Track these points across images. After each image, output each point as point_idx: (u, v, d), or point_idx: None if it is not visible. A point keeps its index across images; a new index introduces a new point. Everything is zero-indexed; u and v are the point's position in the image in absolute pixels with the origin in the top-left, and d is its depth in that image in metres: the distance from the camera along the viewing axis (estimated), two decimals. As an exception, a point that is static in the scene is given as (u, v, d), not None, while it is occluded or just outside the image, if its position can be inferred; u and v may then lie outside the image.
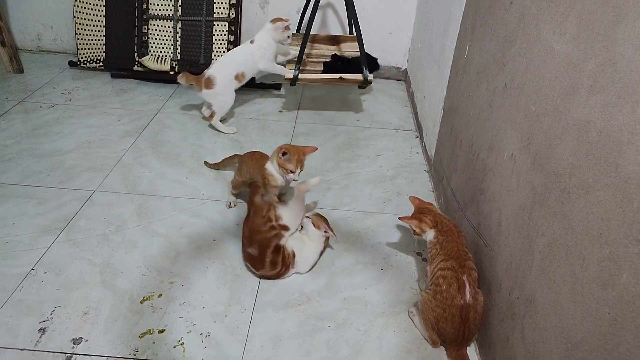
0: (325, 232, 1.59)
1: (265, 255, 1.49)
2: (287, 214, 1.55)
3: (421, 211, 1.54)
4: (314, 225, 1.60)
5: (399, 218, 1.54)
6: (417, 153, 2.28)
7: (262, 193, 1.64)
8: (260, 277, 1.54)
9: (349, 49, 2.66)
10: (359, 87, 2.49)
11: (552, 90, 1.03)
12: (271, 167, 1.64)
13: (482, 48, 1.51)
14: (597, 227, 0.84)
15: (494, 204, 1.31)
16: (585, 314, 0.86)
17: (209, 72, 2.30)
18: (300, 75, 2.33)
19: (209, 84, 2.28)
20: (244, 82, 2.38)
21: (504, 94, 1.30)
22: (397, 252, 1.69)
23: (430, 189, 2.03)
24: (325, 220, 1.62)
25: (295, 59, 2.36)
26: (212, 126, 2.36)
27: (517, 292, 1.13)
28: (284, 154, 1.58)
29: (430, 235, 1.47)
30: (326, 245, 1.64)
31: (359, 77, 2.36)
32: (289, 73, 2.33)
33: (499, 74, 1.34)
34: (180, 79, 2.31)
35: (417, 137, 2.41)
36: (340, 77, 2.34)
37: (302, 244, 1.58)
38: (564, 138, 0.96)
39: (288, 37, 2.37)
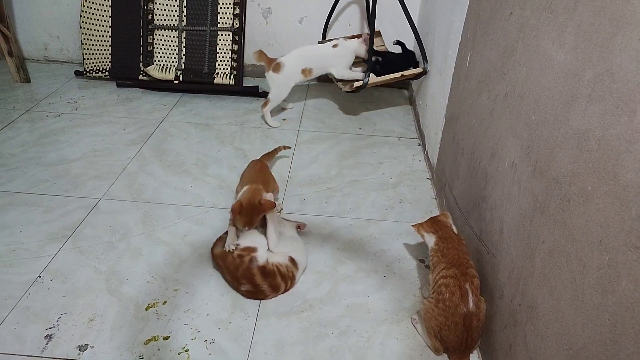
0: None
1: (258, 284, 1.47)
2: (242, 238, 1.56)
3: (428, 219, 1.56)
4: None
5: (412, 225, 1.57)
6: (420, 161, 2.29)
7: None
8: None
9: (376, 46, 2.72)
10: (414, 79, 2.62)
11: (551, 100, 1.04)
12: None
13: (483, 57, 1.53)
14: (597, 234, 0.85)
15: (495, 212, 1.33)
16: (585, 320, 0.87)
17: (282, 58, 2.41)
18: (370, 81, 2.42)
19: (277, 68, 2.38)
20: (308, 79, 2.48)
21: (504, 103, 1.31)
22: (399, 260, 1.70)
23: (432, 196, 2.04)
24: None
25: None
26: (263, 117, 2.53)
27: (519, 299, 1.14)
28: (236, 212, 1.53)
29: (430, 242, 1.48)
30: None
31: (418, 70, 2.48)
32: (359, 81, 2.41)
33: (499, 83, 1.36)
34: (255, 54, 2.42)
35: (420, 144, 2.43)
36: (402, 75, 2.45)
37: (289, 242, 1.63)
38: (563, 146, 0.98)
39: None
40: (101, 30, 2.78)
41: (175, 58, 2.78)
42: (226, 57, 2.77)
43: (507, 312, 1.21)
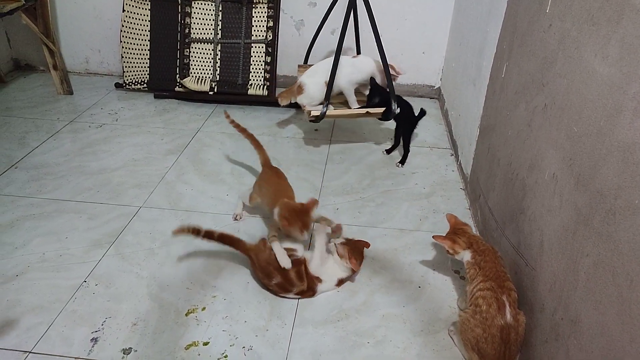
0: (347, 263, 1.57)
1: (288, 272, 1.53)
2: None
3: (456, 232, 1.55)
4: (339, 255, 1.59)
5: (433, 237, 1.56)
6: (453, 171, 2.28)
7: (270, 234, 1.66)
8: (299, 295, 1.56)
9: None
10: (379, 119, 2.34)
11: (594, 112, 1.04)
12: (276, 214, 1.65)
13: (520, 68, 1.53)
14: (645, 248, 0.84)
15: (534, 224, 1.32)
16: (633, 335, 0.86)
17: (300, 78, 2.37)
18: (328, 112, 2.25)
19: (300, 91, 2.33)
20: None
21: (544, 114, 1.31)
22: (434, 270, 1.70)
23: (466, 207, 2.03)
24: (353, 249, 1.59)
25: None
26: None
27: (561, 312, 1.13)
28: (286, 224, 1.58)
29: (466, 256, 1.48)
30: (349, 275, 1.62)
31: (380, 110, 2.25)
32: (315, 110, 2.25)
33: (538, 95, 1.36)
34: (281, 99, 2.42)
35: (452, 155, 2.42)
36: (367, 112, 2.26)
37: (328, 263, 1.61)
38: (608, 159, 0.97)
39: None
40: (140, 44, 2.89)
41: (210, 70, 2.86)
42: (259, 69, 2.83)
43: (549, 326, 1.19)
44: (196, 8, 2.83)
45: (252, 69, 2.84)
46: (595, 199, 1.01)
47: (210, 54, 2.85)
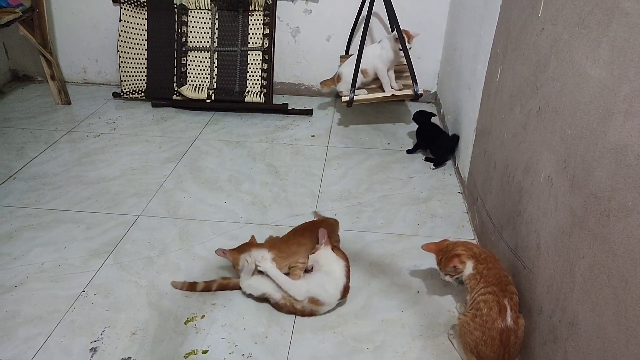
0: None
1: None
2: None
3: (446, 250, 1.51)
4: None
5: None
6: (450, 175, 2.29)
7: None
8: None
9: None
10: (411, 100, 2.63)
11: (587, 114, 1.04)
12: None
13: (514, 72, 1.54)
14: (639, 249, 0.84)
15: (531, 226, 1.32)
16: (629, 336, 0.86)
17: (339, 69, 2.71)
18: (356, 97, 2.53)
19: (339, 79, 2.68)
20: (368, 79, 2.63)
21: (538, 117, 1.32)
22: (432, 275, 1.70)
23: (464, 210, 2.04)
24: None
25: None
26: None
27: (559, 314, 1.13)
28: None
29: (469, 267, 1.45)
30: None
31: (409, 92, 2.53)
32: (345, 97, 2.55)
33: (532, 98, 1.36)
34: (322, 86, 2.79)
35: (450, 158, 2.42)
36: (393, 95, 2.55)
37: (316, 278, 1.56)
38: (601, 161, 0.98)
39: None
40: (137, 54, 2.90)
41: (207, 78, 2.87)
42: (256, 76, 2.84)
43: (547, 328, 1.19)
44: (193, 17, 2.84)
45: (249, 76, 2.85)
46: (590, 201, 1.01)
47: (207, 62, 2.87)
